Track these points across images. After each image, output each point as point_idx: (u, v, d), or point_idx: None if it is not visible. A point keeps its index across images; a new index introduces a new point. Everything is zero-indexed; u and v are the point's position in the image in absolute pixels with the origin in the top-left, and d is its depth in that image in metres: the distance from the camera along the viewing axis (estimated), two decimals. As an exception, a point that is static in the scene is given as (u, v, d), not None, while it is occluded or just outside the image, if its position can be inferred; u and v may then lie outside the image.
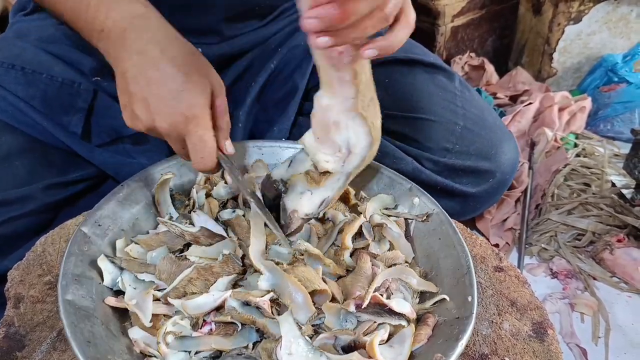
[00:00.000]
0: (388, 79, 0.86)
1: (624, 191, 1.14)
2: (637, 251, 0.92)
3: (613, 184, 1.18)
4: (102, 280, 0.59)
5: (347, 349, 0.53)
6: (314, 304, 0.57)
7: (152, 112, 0.62)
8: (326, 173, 0.67)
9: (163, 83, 0.61)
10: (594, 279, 0.95)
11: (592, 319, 0.87)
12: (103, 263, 0.60)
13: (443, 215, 0.68)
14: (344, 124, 0.63)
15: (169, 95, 0.61)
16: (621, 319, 0.88)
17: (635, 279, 0.89)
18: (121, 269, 0.61)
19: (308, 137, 0.68)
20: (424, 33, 1.46)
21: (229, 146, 0.66)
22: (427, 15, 1.44)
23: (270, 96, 0.90)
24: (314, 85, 0.91)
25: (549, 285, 0.94)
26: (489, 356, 0.57)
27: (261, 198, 0.68)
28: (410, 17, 0.57)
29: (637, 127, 1.13)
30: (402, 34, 0.55)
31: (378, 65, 0.89)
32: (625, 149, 1.29)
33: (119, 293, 0.59)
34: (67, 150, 0.77)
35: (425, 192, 0.71)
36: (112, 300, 0.57)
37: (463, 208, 0.89)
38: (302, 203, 0.67)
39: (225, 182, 0.74)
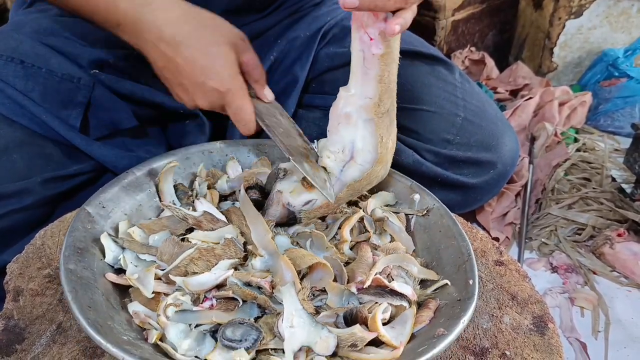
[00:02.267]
0: None
1: (624, 186, 1.14)
2: (637, 245, 0.92)
3: (613, 179, 1.18)
4: (104, 257, 0.60)
5: (349, 323, 0.53)
6: (317, 286, 0.58)
7: (190, 95, 0.69)
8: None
9: (190, 67, 0.67)
10: (594, 273, 0.95)
11: (592, 313, 0.87)
12: (105, 240, 0.60)
13: (443, 210, 0.68)
14: (355, 120, 0.63)
15: (200, 77, 0.67)
16: (621, 313, 0.88)
17: (635, 273, 0.89)
18: (123, 248, 0.61)
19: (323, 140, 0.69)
20: (425, 27, 1.45)
21: (268, 94, 0.72)
22: (427, 9, 1.43)
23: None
24: (313, 77, 0.91)
25: (549, 279, 0.94)
26: (490, 350, 0.57)
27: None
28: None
29: (637, 122, 1.13)
30: (409, 16, 0.56)
31: (380, 55, 0.89)
32: (626, 143, 1.29)
33: (119, 272, 0.59)
34: (66, 143, 0.77)
35: (425, 189, 0.71)
36: (112, 277, 0.58)
37: (464, 199, 0.88)
38: (290, 190, 0.67)
39: (229, 177, 0.74)
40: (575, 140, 1.32)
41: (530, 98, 1.35)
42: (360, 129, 0.63)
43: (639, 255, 0.88)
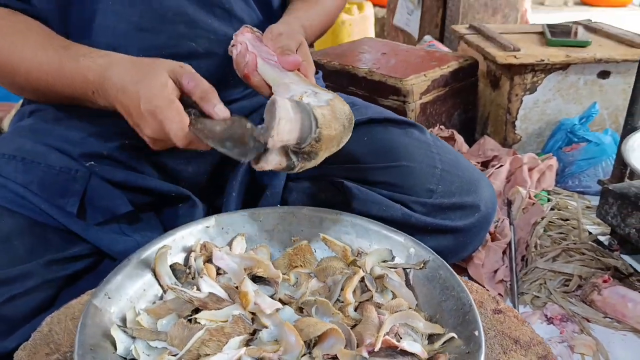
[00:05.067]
0: (367, 137, 0.94)
1: (601, 238, 1.20)
2: (623, 289, 0.95)
3: (590, 233, 1.24)
4: (116, 349, 0.60)
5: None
6: (329, 353, 0.59)
7: (141, 129, 0.74)
8: None
9: (131, 99, 0.72)
10: (588, 321, 0.98)
11: (593, 358, 0.89)
12: (116, 332, 0.61)
13: (439, 261, 0.72)
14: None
15: (138, 104, 0.71)
16: (621, 357, 0.90)
17: (627, 316, 0.92)
18: (133, 337, 0.62)
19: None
20: (397, 111, 1.56)
21: (219, 111, 0.72)
22: (397, 95, 1.56)
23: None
24: None
25: (546, 330, 0.96)
26: (502, 391, 0.59)
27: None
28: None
29: (602, 178, 1.22)
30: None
31: (357, 125, 0.98)
32: (596, 201, 1.37)
33: (132, 362, 0.60)
34: (64, 229, 0.80)
35: (419, 242, 0.75)
36: (127, 371, 0.58)
37: (455, 244, 0.93)
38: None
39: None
40: (549, 200, 1.40)
41: (501, 166, 1.44)
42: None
43: (627, 297, 0.92)
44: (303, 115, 0.65)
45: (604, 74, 1.66)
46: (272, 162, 0.67)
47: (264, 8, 0.96)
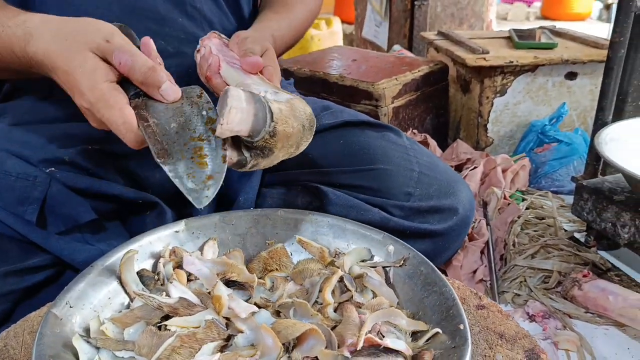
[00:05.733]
0: (342, 140, 0.92)
1: (577, 235, 1.20)
2: (603, 282, 0.95)
3: (565, 230, 1.24)
4: None
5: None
6: (309, 355, 0.56)
7: (85, 116, 0.66)
8: None
9: (66, 89, 0.64)
10: (569, 317, 0.97)
11: (577, 354, 0.88)
12: (78, 342, 0.57)
13: (419, 257, 0.69)
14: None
15: (74, 98, 0.63)
16: (604, 351, 0.89)
17: (608, 309, 0.91)
18: (97, 348, 0.57)
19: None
20: (369, 115, 1.55)
21: (166, 93, 0.63)
22: (369, 99, 1.55)
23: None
24: None
25: (529, 328, 0.94)
26: (490, 386, 0.56)
27: None
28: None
29: (575, 175, 1.22)
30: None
31: (332, 128, 0.96)
32: (569, 200, 1.38)
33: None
34: (22, 239, 0.75)
35: (398, 239, 0.73)
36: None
37: (434, 249, 0.91)
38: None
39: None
40: (523, 199, 1.40)
41: (475, 167, 1.43)
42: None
43: (607, 290, 0.91)
44: (257, 106, 0.60)
45: (571, 75, 1.69)
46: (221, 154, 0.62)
47: (236, 13, 0.94)
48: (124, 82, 0.64)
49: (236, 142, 0.63)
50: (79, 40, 0.62)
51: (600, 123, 1.13)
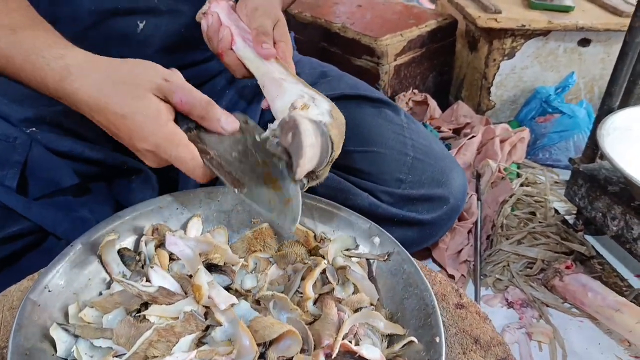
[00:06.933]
0: None
1: (567, 217, 1.20)
2: (585, 277, 0.95)
3: (556, 211, 1.23)
4: (56, 351, 0.56)
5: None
6: (284, 355, 0.56)
7: (141, 157, 0.64)
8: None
9: (120, 132, 0.62)
10: (547, 306, 0.98)
11: (549, 347, 0.90)
12: (55, 332, 0.57)
13: (404, 254, 0.69)
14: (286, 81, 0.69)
15: (130, 142, 0.62)
16: (576, 344, 0.91)
17: (585, 304, 0.92)
18: (76, 336, 0.58)
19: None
20: (369, 72, 1.50)
21: (225, 124, 0.63)
22: (371, 55, 1.48)
23: None
24: (265, 123, 0.92)
25: (506, 315, 0.96)
26: (459, 397, 0.58)
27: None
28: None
29: (574, 157, 1.20)
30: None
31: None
32: (565, 175, 1.36)
33: (75, 364, 0.56)
34: (2, 206, 0.73)
35: (385, 231, 0.72)
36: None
37: (420, 236, 0.90)
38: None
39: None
40: (518, 175, 1.38)
41: (473, 136, 1.40)
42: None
43: (588, 286, 0.92)
44: (322, 139, 0.59)
45: (584, 42, 1.62)
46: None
47: None
48: (176, 118, 0.64)
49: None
50: (138, 84, 0.60)
51: (606, 109, 1.09)
